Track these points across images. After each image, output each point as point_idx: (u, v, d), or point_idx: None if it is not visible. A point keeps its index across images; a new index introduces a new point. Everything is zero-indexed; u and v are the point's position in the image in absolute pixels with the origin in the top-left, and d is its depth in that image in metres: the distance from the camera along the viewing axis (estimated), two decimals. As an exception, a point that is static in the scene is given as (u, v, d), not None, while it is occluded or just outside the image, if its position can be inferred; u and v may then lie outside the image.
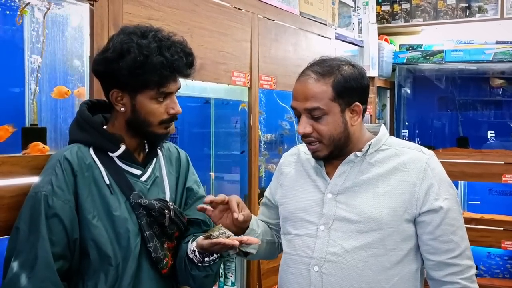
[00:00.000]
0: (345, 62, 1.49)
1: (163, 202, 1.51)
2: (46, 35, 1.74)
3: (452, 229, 1.46)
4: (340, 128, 1.46)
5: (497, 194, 4.11)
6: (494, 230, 3.64)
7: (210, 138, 3.03)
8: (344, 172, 1.50)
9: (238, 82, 2.52)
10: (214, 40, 2.36)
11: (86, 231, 1.40)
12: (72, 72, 1.81)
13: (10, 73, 1.77)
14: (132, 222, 1.45)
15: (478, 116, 4.41)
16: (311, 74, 1.46)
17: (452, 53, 4.13)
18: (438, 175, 1.49)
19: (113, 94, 1.46)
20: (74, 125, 1.51)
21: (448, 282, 1.46)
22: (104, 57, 1.43)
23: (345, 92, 1.44)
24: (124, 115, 1.48)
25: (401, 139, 1.61)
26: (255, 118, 2.67)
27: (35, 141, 1.66)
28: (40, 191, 1.37)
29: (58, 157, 1.41)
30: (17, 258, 1.33)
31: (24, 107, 1.75)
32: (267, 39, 2.75)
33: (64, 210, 1.37)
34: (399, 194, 1.45)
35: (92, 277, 1.41)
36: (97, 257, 1.41)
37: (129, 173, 1.50)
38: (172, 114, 1.47)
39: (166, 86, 1.43)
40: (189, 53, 1.47)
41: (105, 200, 1.43)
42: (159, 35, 1.43)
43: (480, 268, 4.01)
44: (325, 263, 1.45)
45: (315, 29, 3.21)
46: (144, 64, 1.38)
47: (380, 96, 4.57)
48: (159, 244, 1.49)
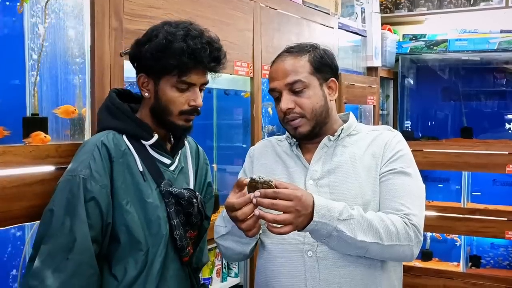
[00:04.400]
0: (316, 44, 1.57)
1: (191, 191, 1.55)
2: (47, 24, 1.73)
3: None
4: (321, 101, 1.51)
5: (501, 184, 4.08)
6: (498, 221, 3.61)
7: (212, 130, 3.02)
8: (320, 158, 1.53)
9: (240, 72, 2.50)
10: (216, 29, 2.31)
11: (119, 216, 1.42)
12: (73, 61, 1.79)
13: (11, 63, 1.75)
14: (162, 210, 1.48)
15: (482, 107, 4.39)
16: (286, 54, 1.54)
17: (456, 43, 4.10)
18: (401, 147, 1.53)
19: (140, 78, 1.50)
20: (105, 111, 1.53)
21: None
22: (136, 41, 1.50)
23: (322, 67, 1.52)
24: (149, 102, 1.51)
25: (369, 125, 1.69)
26: (258, 109, 2.66)
27: (37, 131, 1.64)
28: (78, 174, 1.38)
29: (95, 142, 1.43)
30: (49, 242, 1.33)
31: (25, 97, 1.73)
32: (270, 29, 2.73)
33: (101, 194, 1.39)
34: (373, 169, 1.50)
35: (120, 262, 1.44)
36: (127, 242, 1.43)
37: (160, 161, 1.54)
38: (192, 106, 1.49)
39: (187, 75, 1.44)
40: (216, 47, 1.48)
41: (138, 187, 1.46)
42: (191, 27, 1.46)
43: (484, 258, 4.01)
44: (318, 247, 1.44)
45: (318, 19, 3.18)
46: (166, 48, 1.41)
47: (383, 86, 4.55)
48: (184, 233, 1.52)
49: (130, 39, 1.81)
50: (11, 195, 1.43)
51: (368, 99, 3.91)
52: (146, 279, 1.45)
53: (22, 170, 1.47)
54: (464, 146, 3.71)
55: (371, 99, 3.96)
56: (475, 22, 4.24)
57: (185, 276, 1.58)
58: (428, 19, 4.49)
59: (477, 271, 3.88)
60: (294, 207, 1.23)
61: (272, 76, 1.53)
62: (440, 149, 3.73)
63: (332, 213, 1.29)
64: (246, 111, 2.76)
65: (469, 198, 4.01)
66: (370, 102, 3.95)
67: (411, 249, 1.40)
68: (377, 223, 1.35)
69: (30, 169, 1.48)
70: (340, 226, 1.29)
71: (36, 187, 1.50)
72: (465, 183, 3.91)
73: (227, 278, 2.72)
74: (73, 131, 1.77)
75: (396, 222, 1.38)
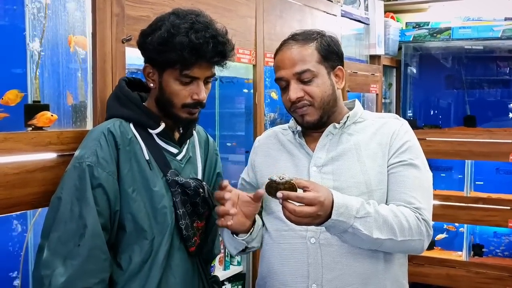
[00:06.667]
0: (321, 31, 1.54)
1: (198, 181, 1.54)
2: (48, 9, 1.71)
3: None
4: (329, 90, 1.50)
5: (504, 173, 4.07)
6: (501, 209, 3.60)
7: (215, 118, 3.01)
8: (325, 145, 1.52)
9: (243, 60, 2.48)
10: (218, 16, 2.30)
11: (125, 204, 1.42)
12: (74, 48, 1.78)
13: (12, 50, 1.73)
14: (168, 199, 1.48)
15: (485, 95, 4.36)
16: (292, 42, 1.50)
17: (460, 31, 4.07)
18: (409, 138, 1.52)
19: (146, 68, 1.50)
20: (114, 100, 1.53)
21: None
22: (144, 30, 1.48)
23: (329, 55, 1.50)
24: (154, 93, 1.51)
25: (375, 112, 1.64)
26: (260, 96, 2.64)
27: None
28: (84, 161, 1.38)
29: (102, 130, 1.43)
30: (58, 229, 1.33)
31: (26, 84, 1.72)
32: (272, 16, 2.70)
33: (108, 181, 1.39)
34: (380, 157, 1.48)
35: (126, 250, 1.44)
36: (133, 230, 1.43)
37: (166, 150, 1.53)
38: (195, 99, 1.47)
39: (189, 69, 1.42)
40: (221, 41, 1.44)
41: (144, 175, 1.45)
42: (197, 19, 1.43)
43: (487, 247, 4.01)
44: (321, 234, 1.44)
45: (321, 6, 3.16)
46: (168, 42, 1.39)
47: (386, 75, 4.52)
48: (190, 223, 1.52)
49: (132, 26, 1.80)
50: (12, 182, 1.43)
51: (370, 88, 3.89)
52: (151, 268, 1.44)
53: (24, 157, 1.46)
54: (467, 135, 3.70)
55: (374, 87, 3.94)
56: (479, 9, 4.20)
57: (192, 267, 1.57)
58: (432, 6, 4.45)
59: (480, 260, 3.88)
60: (316, 212, 1.25)
61: (278, 65, 1.50)
62: (443, 138, 3.72)
63: (350, 211, 1.30)
64: (248, 99, 2.75)
65: (472, 187, 4.00)
66: (373, 91, 3.93)
67: (422, 243, 1.42)
68: (391, 219, 1.35)
69: (31, 156, 1.47)
70: (356, 224, 1.30)
71: (38, 174, 1.49)
72: (468, 172, 3.90)
73: (230, 267, 2.73)
74: (75, 118, 1.75)
75: (409, 217, 1.38)
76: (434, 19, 4.39)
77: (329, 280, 1.43)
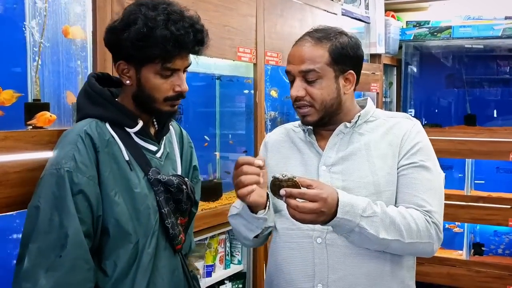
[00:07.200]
0: (342, 31, 1.52)
1: (180, 177, 1.51)
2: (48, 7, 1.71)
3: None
4: (332, 94, 1.47)
5: (505, 172, 4.07)
6: (502, 208, 3.60)
7: (215, 116, 3.00)
8: (335, 144, 1.51)
9: (243, 58, 2.48)
10: (219, 14, 2.31)
11: (108, 208, 1.36)
12: (75, 46, 1.77)
13: (12, 48, 1.73)
14: (151, 199, 1.43)
15: (486, 94, 4.36)
16: (308, 38, 1.48)
17: (460, 29, 4.06)
18: (421, 139, 1.50)
19: (119, 65, 1.42)
20: (84, 98, 1.45)
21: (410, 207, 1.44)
22: (113, 26, 1.39)
23: (341, 59, 1.46)
24: (130, 89, 1.44)
25: (387, 111, 1.62)
26: (261, 95, 2.64)
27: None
28: (62, 167, 1.31)
29: (77, 132, 1.35)
30: (38, 240, 1.26)
31: (26, 82, 1.71)
32: (273, 14, 2.70)
33: (89, 186, 1.32)
34: (390, 157, 1.47)
35: (110, 256, 1.38)
36: (117, 234, 1.37)
37: (146, 149, 1.48)
38: (177, 91, 1.42)
39: (171, 61, 1.37)
40: (199, 29, 1.40)
41: (125, 177, 1.40)
42: (170, 8, 1.37)
43: (487, 246, 4.00)
44: (327, 234, 1.44)
45: (321, 5, 3.15)
46: (148, 37, 1.33)
47: (387, 73, 4.52)
48: (175, 220, 1.49)
49: (132, 24, 1.79)
50: (13, 181, 1.42)
51: (371, 86, 3.89)
52: (136, 272, 1.39)
53: (24, 155, 1.45)
54: (467, 134, 3.69)
55: (375, 86, 3.93)
56: (479, 8, 4.19)
57: (177, 265, 1.54)
58: (432, 5, 4.45)
59: (480, 259, 3.88)
60: (319, 209, 1.24)
61: (290, 59, 1.50)
62: (444, 137, 3.71)
63: (356, 210, 1.29)
64: (248, 98, 2.75)
65: (473, 186, 4.00)
66: (374, 89, 3.93)
67: (431, 246, 1.41)
68: (399, 221, 1.34)
69: (32, 154, 1.46)
70: (362, 223, 1.29)
71: (38, 173, 1.47)
72: (469, 171, 3.89)
73: (230, 265, 2.72)
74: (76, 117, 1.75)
75: (418, 220, 1.37)
76: (435, 18, 4.39)
77: (334, 281, 1.43)
